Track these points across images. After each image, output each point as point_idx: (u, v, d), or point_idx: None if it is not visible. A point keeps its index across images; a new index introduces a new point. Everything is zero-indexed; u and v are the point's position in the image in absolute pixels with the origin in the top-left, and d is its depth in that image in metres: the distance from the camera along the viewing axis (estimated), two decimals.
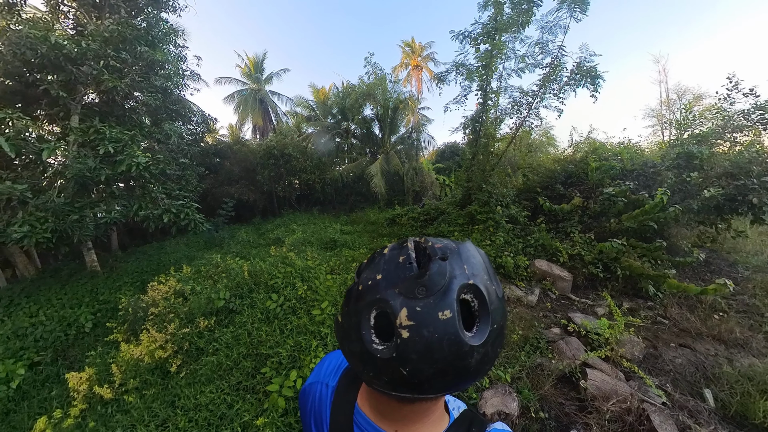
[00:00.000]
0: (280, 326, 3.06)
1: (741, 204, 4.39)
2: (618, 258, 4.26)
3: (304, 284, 3.65)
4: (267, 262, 4.53)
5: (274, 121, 18.54)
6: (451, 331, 0.37)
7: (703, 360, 2.82)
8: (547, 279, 4.41)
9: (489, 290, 0.42)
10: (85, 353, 3.38)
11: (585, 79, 5.44)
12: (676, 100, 14.02)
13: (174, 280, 3.80)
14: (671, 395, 2.39)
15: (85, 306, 4.56)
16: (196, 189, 8.29)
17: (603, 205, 5.03)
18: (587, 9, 5.30)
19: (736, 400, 2.29)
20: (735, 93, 5.69)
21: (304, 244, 6.88)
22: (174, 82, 7.19)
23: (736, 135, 5.63)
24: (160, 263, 6.52)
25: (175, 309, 3.28)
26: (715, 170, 4.87)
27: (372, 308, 0.41)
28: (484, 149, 6.94)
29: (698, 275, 4.60)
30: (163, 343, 2.77)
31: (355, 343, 0.42)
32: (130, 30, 5.56)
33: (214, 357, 2.74)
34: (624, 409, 2.13)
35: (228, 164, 12.86)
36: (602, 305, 3.84)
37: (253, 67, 17.80)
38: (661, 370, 2.74)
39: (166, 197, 5.57)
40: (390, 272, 0.42)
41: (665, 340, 3.16)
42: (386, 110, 12.22)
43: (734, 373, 2.54)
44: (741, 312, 3.58)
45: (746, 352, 2.92)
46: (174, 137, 6.82)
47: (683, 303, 3.76)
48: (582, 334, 3.12)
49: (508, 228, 5.55)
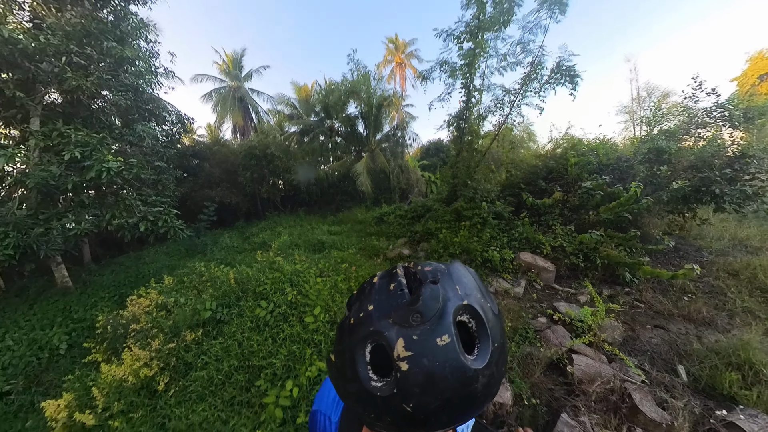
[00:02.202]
0: (272, 335, 2.97)
1: (705, 194, 4.73)
2: (597, 248, 4.48)
3: (293, 289, 3.56)
4: (254, 268, 4.40)
5: (255, 120, 18.00)
6: (451, 356, 0.35)
7: (676, 339, 3.04)
8: (532, 271, 4.58)
9: (484, 308, 0.41)
10: (61, 378, 3.13)
11: (564, 78, 5.66)
12: (646, 98, 14.89)
13: (155, 292, 3.61)
14: (649, 373, 2.57)
15: (58, 326, 4.25)
16: (174, 194, 7.91)
17: (582, 198, 5.26)
18: (566, 10, 5.53)
19: (705, 373, 2.50)
20: (699, 92, 6.10)
21: (292, 247, 6.75)
22: (146, 80, 6.79)
23: (700, 131, 6.04)
24: (138, 275, 6.19)
25: (158, 323, 3.12)
26: (682, 164, 5.23)
27: (366, 342, 0.39)
28: (469, 146, 7.07)
29: (669, 261, 4.92)
30: (148, 361, 2.62)
31: (352, 383, 0.39)
32: (95, 23, 5.18)
33: (203, 371, 2.62)
34: (608, 389, 2.28)
35: (208, 166, 12.37)
36: (584, 293, 4.04)
37: (231, 64, 17.18)
38: (639, 350, 2.94)
39: (141, 204, 5.27)
40: (382, 302, 0.40)
41: (642, 323, 3.38)
42: (370, 108, 12.15)
43: (703, 349, 2.76)
44: (707, 293, 3.87)
45: (713, 329, 3.18)
46: (148, 139, 6.45)
47: (656, 287, 4.03)
48: (567, 322, 3.27)
49: (494, 224, 5.69)
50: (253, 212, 13.25)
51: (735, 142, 5.37)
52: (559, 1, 5.41)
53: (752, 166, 4.75)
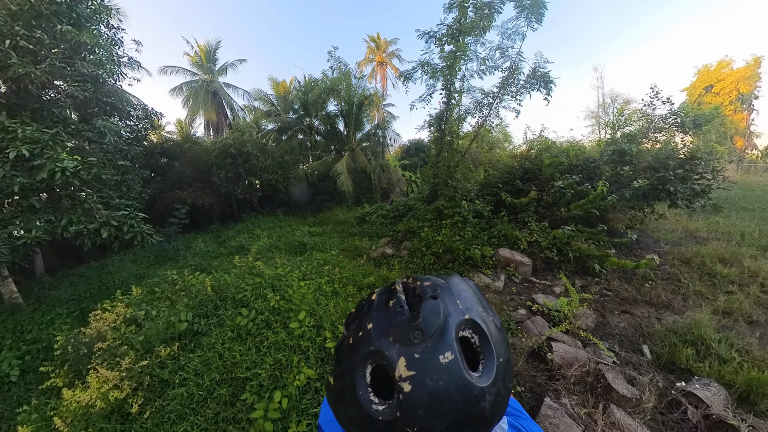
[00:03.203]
0: (255, 344, 2.83)
1: (661, 192, 5.28)
2: (569, 242, 4.79)
3: (276, 294, 3.42)
4: (232, 274, 4.19)
5: (230, 117, 17.20)
6: (456, 374, 0.34)
7: (640, 322, 3.35)
8: (511, 265, 4.79)
9: (487, 322, 0.39)
10: (14, 410, 2.82)
11: (539, 84, 5.99)
12: (610, 104, 16.19)
13: (122, 305, 3.30)
14: (618, 354, 2.81)
15: (8, 349, 3.81)
16: (141, 196, 7.34)
17: (554, 196, 5.60)
18: (542, 20, 5.86)
19: (666, 351, 2.78)
20: (656, 101, 6.77)
21: (272, 250, 6.54)
22: (107, 70, 6.25)
23: (657, 135, 6.71)
24: (102, 286, 5.71)
25: (127, 339, 2.86)
26: (642, 164, 5.75)
27: (366, 363, 0.37)
28: (449, 146, 7.24)
29: (632, 252, 5.37)
30: (118, 382, 2.37)
31: (352, 407, 0.37)
32: (46, 4, 4.66)
33: (182, 388, 2.42)
34: (584, 372, 2.45)
35: (178, 165, 11.65)
36: (559, 285, 4.29)
37: (204, 56, 16.26)
38: (609, 334, 3.20)
39: (103, 208, 4.81)
40: (381, 319, 0.39)
41: (610, 309, 3.67)
42: (351, 106, 12.06)
43: (663, 329, 3.07)
44: (665, 280, 4.29)
45: (670, 311, 3.54)
46: (109, 135, 5.91)
47: (622, 276, 4.40)
48: (545, 313, 3.47)
49: (474, 222, 5.88)
50: (228, 214, 12.67)
51: (686, 146, 6.02)
52: (536, 11, 5.72)
53: (700, 167, 5.38)
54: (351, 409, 0.38)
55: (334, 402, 0.42)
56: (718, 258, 4.60)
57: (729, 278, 4.08)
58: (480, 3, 5.85)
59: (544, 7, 5.70)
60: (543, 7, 5.70)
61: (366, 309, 0.43)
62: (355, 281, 4.31)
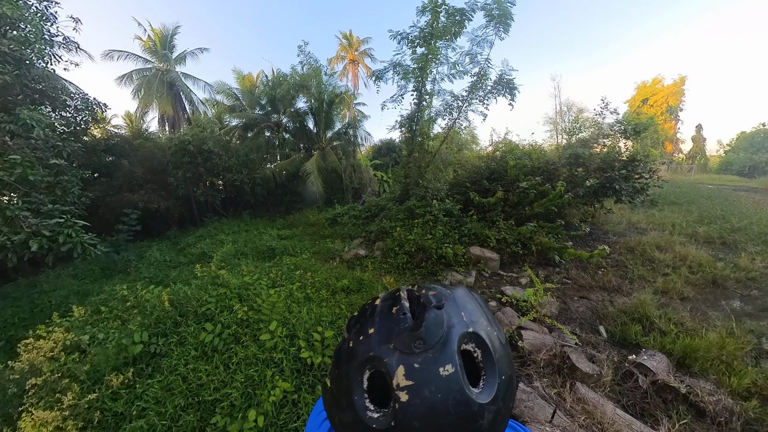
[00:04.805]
0: (223, 361, 2.57)
1: (609, 189, 5.99)
2: (532, 237, 5.14)
3: (243, 305, 3.12)
4: (193, 285, 3.76)
5: (189, 111, 15.66)
6: (455, 389, 0.33)
7: (596, 305, 3.70)
8: (481, 262, 5.01)
9: (491, 337, 0.39)
10: None
11: (504, 90, 6.38)
12: (566, 112, 17.88)
13: (61, 329, 2.75)
14: (579, 336, 3.07)
15: None
16: (81, 200, 6.33)
17: (519, 196, 6.01)
18: (509, 30, 6.28)
19: (618, 329, 3.11)
20: (605, 110, 7.79)
21: (237, 257, 6.09)
22: (36, 51, 5.37)
23: (605, 140, 7.65)
24: (34, 309, 4.85)
25: (69, 370, 2.39)
26: (593, 166, 6.43)
27: (365, 368, 0.37)
28: (420, 147, 7.39)
29: (586, 243, 5.94)
30: (60, 423, 1.98)
31: (346, 412, 0.37)
32: None
33: (141, 420, 2.12)
34: (552, 355, 2.65)
35: (127, 164, 10.45)
36: (524, 276, 4.58)
37: (159, 41, 14.50)
38: (570, 319, 3.49)
39: (31, 215, 4.09)
40: (383, 325, 0.39)
41: (570, 296, 4.01)
42: (321, 103, 11.79)
43: (615, 310, 3.43)
44: (614, 266, 4.81)
45: (620, 294, 3.97)
46: (38, 129, 5.01)
47: (579, 266, 4.84)
48: (514, 303, 3.68)
49: (445, 221, 6.05)
50: (187, 218, 11.66)
51: (628, 150, 6.86)
52: (503, 21, 6.11)
53: (639, 168, 6.22)
54: (345, 414, 0.37)
55: (329, 405, 0.41)
56: (656, 245, 5.28)
57: (665, 262, 4.69)
58: (452, 9, 6.10)
59: (510, 19, 6.11)
60: (510, 18, 6.10)
61: (368, 313, 0.43)
62: (328, 285, 4.17)
